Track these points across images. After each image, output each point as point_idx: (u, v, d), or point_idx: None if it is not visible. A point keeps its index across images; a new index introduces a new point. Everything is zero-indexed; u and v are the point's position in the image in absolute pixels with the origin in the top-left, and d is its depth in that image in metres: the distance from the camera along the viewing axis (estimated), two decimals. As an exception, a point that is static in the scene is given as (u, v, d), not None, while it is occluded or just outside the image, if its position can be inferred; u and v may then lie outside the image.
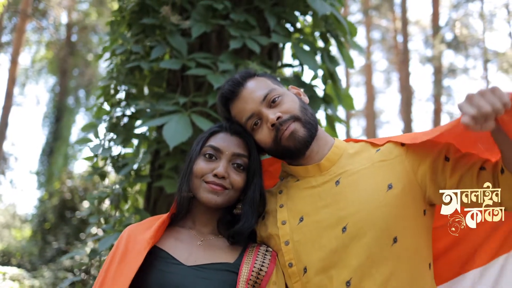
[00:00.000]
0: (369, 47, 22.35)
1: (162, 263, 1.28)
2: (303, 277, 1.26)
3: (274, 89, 1.36)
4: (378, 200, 1.24)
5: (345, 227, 1.22)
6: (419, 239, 1.27)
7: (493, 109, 1.00)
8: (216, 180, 1.33)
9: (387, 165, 1.29)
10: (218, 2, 2.29)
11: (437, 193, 1.24)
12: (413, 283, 1.23)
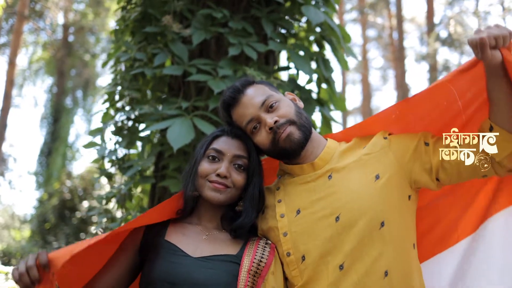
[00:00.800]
0: (365, 44, 22.40)
1: (171, 255, 1.41)
2: (301, 264, 1.38)
3: (272, 95, 1.48)
4: (367, 190, 1.38)
5: (338, 217, 1.36)
6: (404, 222, 1.41)
7: (501, 33, 1.23)
8: (219, 180, 1.46)
9: (373, 158, 1.43)
10: (217, 11, 2.41)
11: (422, 174, 1.39)
12: (399, 263, 1.36)
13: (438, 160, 1.39)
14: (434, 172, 1.40)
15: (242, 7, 2.61)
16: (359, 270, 1.32)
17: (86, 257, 1.39)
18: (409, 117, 1.50)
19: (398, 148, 1.43)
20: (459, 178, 1.41)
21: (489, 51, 1.23)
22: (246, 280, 1.37)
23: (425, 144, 1.43)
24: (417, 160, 1.41)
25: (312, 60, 2.62)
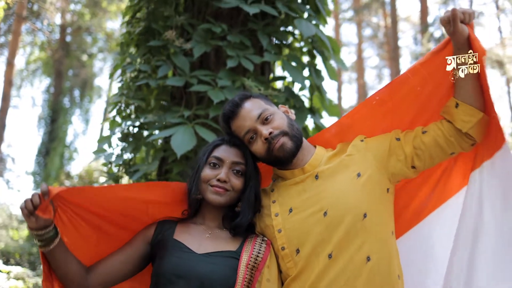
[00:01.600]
0: (360, 44, 22.49)
1: (178, 252, 1.59)
2: (296, 257, 1.56)
3: (267, 109, 1.67)
4: (350, 187, 1.58)
5: (326, 212, 1.55)
6: (384, 212, 1.61)
7: (467, 10, 1.49)
8: (219, 184, 1.64)
9: (354, 159, 1.64)
10: (216, 25, 2.60)
11: (399, 166, 1.62)
12: (379, 249, 1.54)
13: (410, 150, 1.61)
14: (409, 161, 1.61)
15: (239, 21, 2.79)
16: (345, 257, 1.50)
17: (90, 201, 1.63)
18: (388, 104, 1.71)
19: (374, 148, 1.65)
20: (432, 162, 1.63)
21: (459, 24, 1.47)
22: (244, 273, 1.55)
23: (397, 139, 1.65)
24: (392, 155, 1.62)
25: (304, 69, 2.80)
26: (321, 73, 2.95)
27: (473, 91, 1.57)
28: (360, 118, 1.76)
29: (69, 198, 1.59)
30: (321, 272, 1.50)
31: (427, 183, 1.83)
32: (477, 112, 1.56)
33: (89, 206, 1.66)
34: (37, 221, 1.48)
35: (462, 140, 1.59)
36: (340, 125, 1.81)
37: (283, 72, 2.99)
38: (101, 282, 1.65)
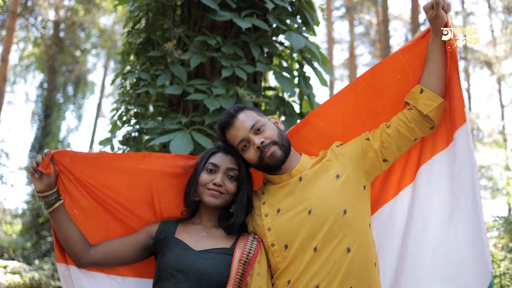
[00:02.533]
0: (353, 41, 22.60)
1: (178, 249, 1.79)
2: (284, 252, 1.75)
3: (259, 121, 1.86)
4: (331, 187, 1.80)
5: (310, 210, 1.76)
6: (361, 207, 1.83)
7: (446, 1, 1.74)
8: (215, 187, 1.85)
9: (333, 163, 1.86)
10: (211, 37, 2.78)
11: (372, 163, 1.85)
12: (358, 240, 1.74)
13: (379, 144, 1.84)
14: (380, 155, 1.84)
15: (233, 32, 2.98)
16: (328, 250, 1.70)
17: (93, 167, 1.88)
18: (371, 90, 1.95)
19: (349, 152, 1.87)
20: (399, 151, 1.87)
21: (441, 10, 1.74)
22: (237, 268, 1.74)
23: (366, 140, 1.88)
24: (365, 154, 1.85)
25: (294, 78, 3.00)
26: (310, 80, 3.14)
27: (440, 79, 1.83)
28: (346, 103, 2.00)
29: (71, 164, 1.86)
30: (308, 264, 1.70)
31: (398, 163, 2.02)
32: (438, 98, 1.81)
33: (92, 178, 1.89)
34: (41, 180, 1.76)
35: (423, 124, 1.82)
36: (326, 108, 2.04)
37: (274, 80, 3.18)
38: (101, 259, 1.86)
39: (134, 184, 1.96)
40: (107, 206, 1.94)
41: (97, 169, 1.91)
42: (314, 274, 1.68)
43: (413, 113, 1.83)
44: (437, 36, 1.81)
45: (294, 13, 3.13)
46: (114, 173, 1.93)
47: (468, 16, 18.80)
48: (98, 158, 1.94)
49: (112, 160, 1.97)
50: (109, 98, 27.36)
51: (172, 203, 2.00)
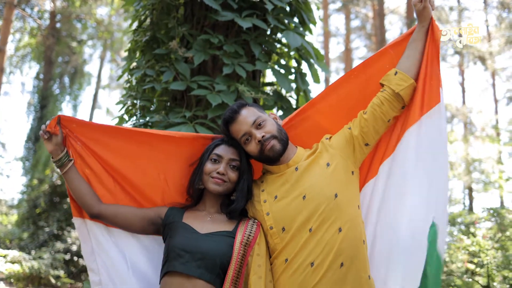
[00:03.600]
0: (348, 34, 22.68)
1: (185, 232, 1.98)
2: (282, 234, 1.93)
3: (260, 116, 2.05)
4: (322, 174, 2.00)
5: (305, 196, 1.96)
6: (351, 191, 2.03)
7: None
8: (219, 176, 2.04)
9: (323, 154, 2.06)
10: (213, 36, 2.95)
11: (357, 149, 2.06)
12: (348, 220, 1.92)
13: (359, 130, 2.07)
14: (361, 140, 2.07)
15: (234, 31, 3.15)
16: (322, 230, 1.90)
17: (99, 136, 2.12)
18: (362, 77, 2.20)
19: (336, 142, 2.10)
20: (377, 133, 2.09)
21: (428, 2, 2.01)
22: (239, 249, 1.93)
23: (349, 129, 2.10)
24: (349, 143, 2.07)
25: (291, 75, 3.18)
26: (306, 77, 3.33)
27: (414, 64, 2.08)
28: (343, 91, 2.23)
29: (77, 129, 2.11)
30: (303, 244, 1.90)
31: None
32: (409, 79, 2.06)
33: (98, 145, 2.13)
34: (50, 141, 2.05)
35: (394, 104, 2.05)
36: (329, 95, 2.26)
37: (272, 76, 3.36)
38: (109, 215, 2.08)
39: (137, 158, 2.17)
40: (112, 173, 2.16)
41: (102, 137, 2.13)
42: (309, 253, 1.88)
43: (386, 93, 2.06)
44: (423, 28, 2.06)
45: (291, 13, 3.30)
46: (120, 144, 2.16)
47: (463, 11, 18.98)
48: (104, 129, 2.16)
49: (119, 133, 2.18)
50: (106, 89, 27.40)
51: (178, 182, 2.21)
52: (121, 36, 21.04)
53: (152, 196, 2.18)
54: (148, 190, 2.17)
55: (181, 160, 2.20)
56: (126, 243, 2.15)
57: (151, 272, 2.15)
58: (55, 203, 13.38)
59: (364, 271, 1.91)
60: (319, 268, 1.85)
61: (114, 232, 2.14)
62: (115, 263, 2.10)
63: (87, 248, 2.12)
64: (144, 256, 2.17)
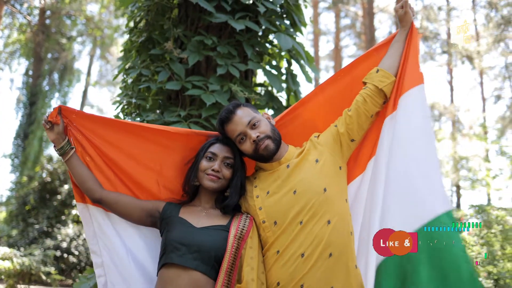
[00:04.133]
0: (338, 33, 22.80)
1: (182, 226, 2.07)
2: (274, 227, 2.03)
3: (255, 117, 2.15)
4: (312, 170, 2.11)
5: (295, 191, 2.06)
6: (339, 185, 2.15)
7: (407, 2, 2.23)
8: (213, 173, 2.14)
9: (313, 150, 2.18)
10: (207, 38, 3.05)
11: (343, 145, 2.18)
12: (337, 213, 2.03)
13: (345, 127, 2.20)
14: (347, 136, 2.20)
15: (227, 33, 3.25)
16: (312, 222, 2.01)
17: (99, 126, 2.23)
18: (348, 78, 2.36)
19: (324, 139, 2.22)
20: (362, 129, 2.23)
21: (409, 8, 2.22)
22: (233, 242, 2.03)
23: (335, 126, 2.24)
24: (336, 140, 2.20)
25: (282, 75, 3.29)
26: (297, 77, 3.44)
27: (395, 62, 2.24)
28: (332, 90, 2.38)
29: (76, 120, 2.23)
30: (294, 236, 2.01)
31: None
32: (391, 76, 2.22)
33: (97, 137, 2.24)
34: (52, 130, 2.17)
35: (376, 99, 2.20)
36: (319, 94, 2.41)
37: (264, 77, 3.47)
38: (110, 201, 2.19)
39: (133, 149, 2.29)
40: (110, 164, 2.27)
41: (100, 129, 2.25)
42: (300, 244, 1.99)
43: (368, 90, 2.20)
44: (404, 31, 2.24)
45: (283, 15, 3.40)
46: (117, 136, 2.27)
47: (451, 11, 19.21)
48: (103, 121, 2.27)
49: (116, 125, 2.30)
50: (96, 86, 27.28)
51: (173, 175, 2.32)
52: (111, 33, 20.98)
53: (147, 187, 2.28)
54: (144, 181, 2.28)
55: (175, 154, 2.30)
56: (125, 230, 2.26)
57: (149, 260, 2.26)
58: (45, 200, 13.38)
59: (351, 261, 2.03)
60: (309, 258, 1.96)
61: (115, 218, 2.25)
62: (115, 247, 2.22)
63: (89, 231, 2.24)
64: (142, 243, 2.27)
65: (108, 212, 2.25)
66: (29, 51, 18.14)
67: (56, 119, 2.18)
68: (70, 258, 12.18)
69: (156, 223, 2.20)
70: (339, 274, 1.97)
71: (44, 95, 18.02)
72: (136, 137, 2.27)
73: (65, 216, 13.26)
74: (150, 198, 2.28)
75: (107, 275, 2.19)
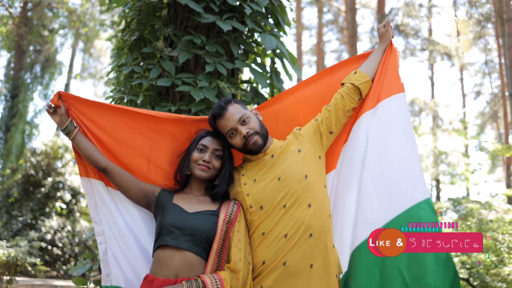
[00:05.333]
0: (321, 28, 23.02)
1: (176, 211, 2.27)
2: (260, 211, 2.23)
3: (245, 114, 2.36)
4: (294, 159, 2.34)
5: (280, 178, 2.28)
6: (318, 173, 2.37)
7: (389, 23, 2.55)
8: (204, 164, 2.35)
9: (296, 142, 2.41)
10: (196, 37, 3.24)
11: (323, 137, 2.41)
12: (317, 198, 2.25)
13: (324, 122, 2.44)
14: (326, 129, 2.43)
15: (215, 32, 3.44)
16: (294, 206, 2.22)
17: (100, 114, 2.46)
18: (328, 79, 2.63)
19: (306, 132, 2.46)
20: (339, 122, 2.47)
21: (390, 28, 2.51)
22: (222, 225, 2.24)
23: (315, 120, 2.48)
24: (316, 132, 2.44)
25: (267, 73, 3.50)
26: (280, 75, 3.66)
27: (374, 68, 2.52)
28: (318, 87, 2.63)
29: (74, 105, 2.45)
30: (279, 219, 2.22)
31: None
32: (367, 76, 2.48)
33: (93, 121, 2.47)
34: (56, 114, 2.40)
35: (353, 96, 2.45)
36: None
37: (249, 74, 3.68)
38: (114, 173, 2.41)
39: (126, 131, 2.50)
40: (102, 147, 2.48)
41: (95, 112, 2.48)
42: (284, 227, 2.21)
43: (346, 87, 2.45)
44: (383, 46, 2.52)
45: (267, 16, 3.61)
46: (112, 118, 2.49)
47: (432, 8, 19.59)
48: (97, 106, 2.50)
49: (111, 110, 2.51)
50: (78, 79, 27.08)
51: (162, 160, 2.54)
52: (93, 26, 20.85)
53: (137, 170, 2.50)
54: (133, 165, 2.50)
55: (165, 137, 2.53)
56: (123, 204, 2.49)
57: (144, 232, 2.49)
58: (28, 193, 13.38)
59: (330, 241, 2.25)
60: (292, 239, 2.18)
61: (115, 193, 2.48)
62: (114, 217, 2.44)
63: (92, 203, 2.45)
64: (138, 217, 2.50)
65: (108, 186, 2.47)
66: (10, 43, 17.91)
67: (57, 102, 2.40)
68: (54, 250, 12.25)
69: (150, 205, 2.40)
70: (318, 253, 2.19)
71: (26, 88, 17.81)
72: (128, 120, 2.49)
73: (49, 209, 13.31)
74: (143, 180, 2.49)
75: (107, 242, 2.41)
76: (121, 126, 2.48)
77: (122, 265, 2.39)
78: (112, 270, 2.37)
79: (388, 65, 2.47)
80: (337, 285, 2.23)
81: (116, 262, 2.38)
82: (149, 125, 2.50)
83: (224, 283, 2.06)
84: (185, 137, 2.53)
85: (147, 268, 2.37)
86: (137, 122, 2.49)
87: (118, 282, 2.36)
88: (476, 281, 5.94)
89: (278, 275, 2.16)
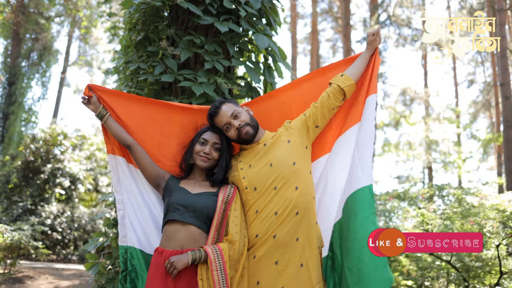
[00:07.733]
0: (315, 16, 23.15)
1: (181, 192, 2.64)
2: (254, 192, 2.55)
3: (236, 110, 2.73)
4: (284, 148, 2.69)
5: (271, 164, 2.64)
6: (305, 160, 2.71)
7: (379, 32, 2.78)
8: (205, 155, 2.73)
9: (285, 133, 2.76)
10: (196, 37, 3.58)
11: (309, 130, 2.74)
12: (303, 182, 2.56)
13: (311, 116, 2.76)
14: (313, 123, 2.76)
15: (213, 32, 3.78)
16: (284, 188, 2.57)
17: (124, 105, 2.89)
18: (319, 79, 2.97)
19: (295, 125, 2.79)
20: (325, 118, 2.79)
21: (378, 37, 2.77)
22: (221, 204, 2.60)
23: (304, 115, 2.81)
24: (304, 126, 2.77)
25: (260, 70, 3.85)
26: (273, 71, 4.02)
27: (359, 72, 2.82)
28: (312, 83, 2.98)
29: (101, 96, 2.85)
30: (270, 199, 2.59)
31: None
32: (351, 80, 2.78)
33: (116, 108, 2.86)
34: (90, 103, 2.82)
35: (338, 95, 2.76)
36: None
37: (244, 70, 4.03)
38: (137, 150, 2.79)
39: (147, 122, 2.90)
40: (132, 127, 2.88)
41: (119, 100, 2.88)
42: (274, 205, 2.57)
43: (332, 88, 2.77)
44: (370, 52, 2.82)
45: (261, 17, 3.94)
46: (131, 105, 2.90)
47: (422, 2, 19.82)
48: (120, 95, 2.91)
49: (132, 98, 2.92)
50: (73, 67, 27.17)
51: (171, 140, 2.92)
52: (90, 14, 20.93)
53: (149, 148, 2.88)
54: (149, 144, 2.88)
55: (175, 123, 2.92)
56: (142, 181, 2.88)
57: (158, 206, 2.87)
58: (28, 179, 13.67)
59: (313, 218, 2.62)
60: (281, 216, 2.54)
61: (137, 171, 2.87)
62: (133, 189, 2.83)
63: (115, 176, 2.84)
64: (153, 194, 2.88)
65: (130, 163, 2.86)
66: (7, 31, 17.96)
67: (89, 93, 2.80)
68: (54, 234, 12.61)
69: (159, 186, 2.77)
70: (303, 228, 2.55)
71: (23, 76, 17.91)
72: (144, 108, 2.87)
73: (48, 195, 13.61)
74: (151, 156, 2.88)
75: (125, 209, 2.79)
76: (139, 112, 2.87)
77: (137, 230, 2.77)
78: (128, 232, 2.75)
79: (374, 69, 2.80)
80: (319, 255, 2.60)
81: (131, 226, 2.76)
82: (161, 111, 2.88)
83: (223, 253, 2.43)
84: (193, 126, 2.93)
85: (157, 235, 2.77)
86: (151, 110, 2.87)
87: (132, 243, 2.75)
88: (458, 263, 6.36)
89: (269, 246, 2.53)
